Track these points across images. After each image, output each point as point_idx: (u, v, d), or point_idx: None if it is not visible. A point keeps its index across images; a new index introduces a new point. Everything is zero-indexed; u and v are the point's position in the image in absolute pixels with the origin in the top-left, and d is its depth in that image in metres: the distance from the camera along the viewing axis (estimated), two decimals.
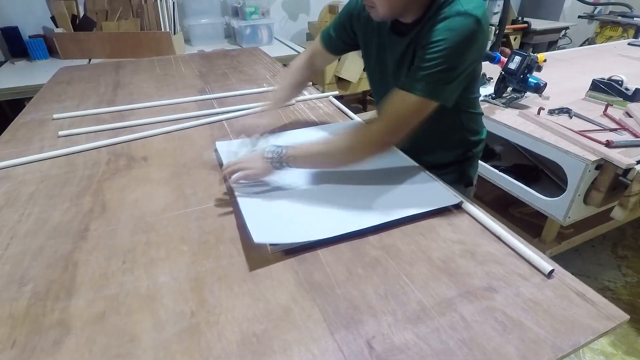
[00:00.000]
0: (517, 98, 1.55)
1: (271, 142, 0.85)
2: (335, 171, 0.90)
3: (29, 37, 2.40)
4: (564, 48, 3.34)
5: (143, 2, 2.38)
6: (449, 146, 1.00)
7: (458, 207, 0.78)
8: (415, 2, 0.75)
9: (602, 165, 1.20)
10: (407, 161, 0.94)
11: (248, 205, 0.77)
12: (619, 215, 1.26)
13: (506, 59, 1.49)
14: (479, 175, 1.61)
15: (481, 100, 1.60)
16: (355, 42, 0.97)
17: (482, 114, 1.01)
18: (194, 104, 1.33)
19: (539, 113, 1.44)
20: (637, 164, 1.16)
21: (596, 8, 3.77)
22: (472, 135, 1.00)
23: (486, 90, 1.67)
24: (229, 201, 0.81)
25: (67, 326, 0.55)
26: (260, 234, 0.67)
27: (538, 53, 1.69)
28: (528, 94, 1.56)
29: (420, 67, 0.72)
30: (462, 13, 0.69)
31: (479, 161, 1.09)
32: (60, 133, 1.10)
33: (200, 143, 1.06)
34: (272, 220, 0.73)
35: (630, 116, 1.42)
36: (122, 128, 1.16)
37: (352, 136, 0.79)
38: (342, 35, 0.97)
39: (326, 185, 0.85)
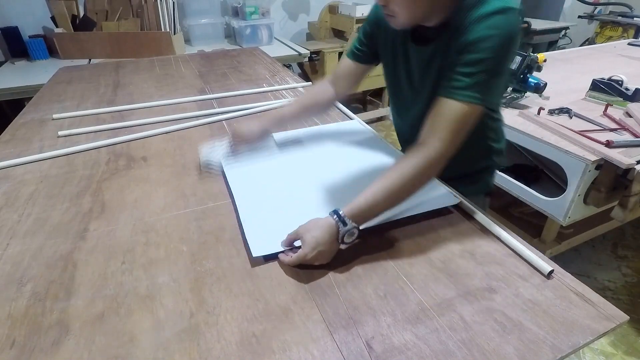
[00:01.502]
0: (517, 98, 1.55)
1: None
2: (334, 172, 0.90)
3: (29, 37, 2.40)
4: (564, 48, 3.33)
5: (143, 2, 2.38)
6: (474, 156, 0.91)
7: (458, 207, 0.78)
8: (439, 4, 0.69)
9: (602, 165, 1.20)
10: None
11: (248, 213, 0.76)
12: (619, 215, 1.26)
13: None
14: None
15: None
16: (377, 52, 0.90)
17: (503, 120, 0.94)
18: (194, 104, 1.33)
19: (539, 113, 1.44)
20: (637, 164, 1.16)
21: (596, 8, 3.77)
22: (495, 143, 0.93)
23: None
24: (228, 202, 0.81)
25: (66, 326, 0.55)
26: (259, 247, 0.67)
27: (538, 53, 1.69)
28: (528, 94, 1.56)
29: (463, 72, 0.65)
30: (504, 9, 0.63)
31: None
32: (60, 133, 1.10)
33: (200, 143, 1.06)
34: (272, 226, 0.72)
35: (630, 116, 1.42)
36: (122, 128, 1.16)
37: (411, 167, 0.67)
38: (369, 43, 0.89)
39: (326, 187, 0.85)
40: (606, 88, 1.56)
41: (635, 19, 3.20)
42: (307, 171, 0.91)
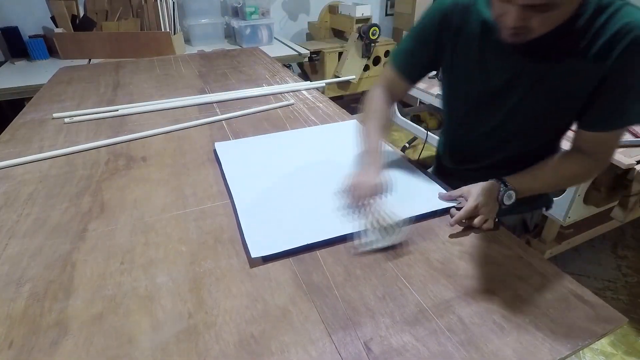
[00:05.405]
0: None
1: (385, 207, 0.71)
2: (333, 173, 0.90)
3: (29, 37, 2.40)
4: None
5: (143, 2, 2.37)
6: None
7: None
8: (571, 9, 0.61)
9: None
10: (406, 162, 0.94)
11: (247, 214, 0.76)
12: (619, 215, 1.26)
13: None
14: None
15: None
16: (436, 60, 0.82)
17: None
18: (194, 103, 1.32)
19: None
20: (637, 164, 1.16)
21: None
22: None
23: None
24: (227, 202, 0.81)
25: (65, 327, 0.55)
26: (258, 248, 0.67)
27: None
28: None
29: (625, 97, 0.65)
30: None
31: None
32: (67, 120, 1.13)
33: (199, 143, 1.06)
34: (271, 227, 0.72)
35: None
36: (121, 128, 1.15)
37: (578, 169, 0.75)
38: (423, 55, 0.82)
39: (325, 187, 0.85)
40: None
41: None
42: (307, 172, 0.91)
